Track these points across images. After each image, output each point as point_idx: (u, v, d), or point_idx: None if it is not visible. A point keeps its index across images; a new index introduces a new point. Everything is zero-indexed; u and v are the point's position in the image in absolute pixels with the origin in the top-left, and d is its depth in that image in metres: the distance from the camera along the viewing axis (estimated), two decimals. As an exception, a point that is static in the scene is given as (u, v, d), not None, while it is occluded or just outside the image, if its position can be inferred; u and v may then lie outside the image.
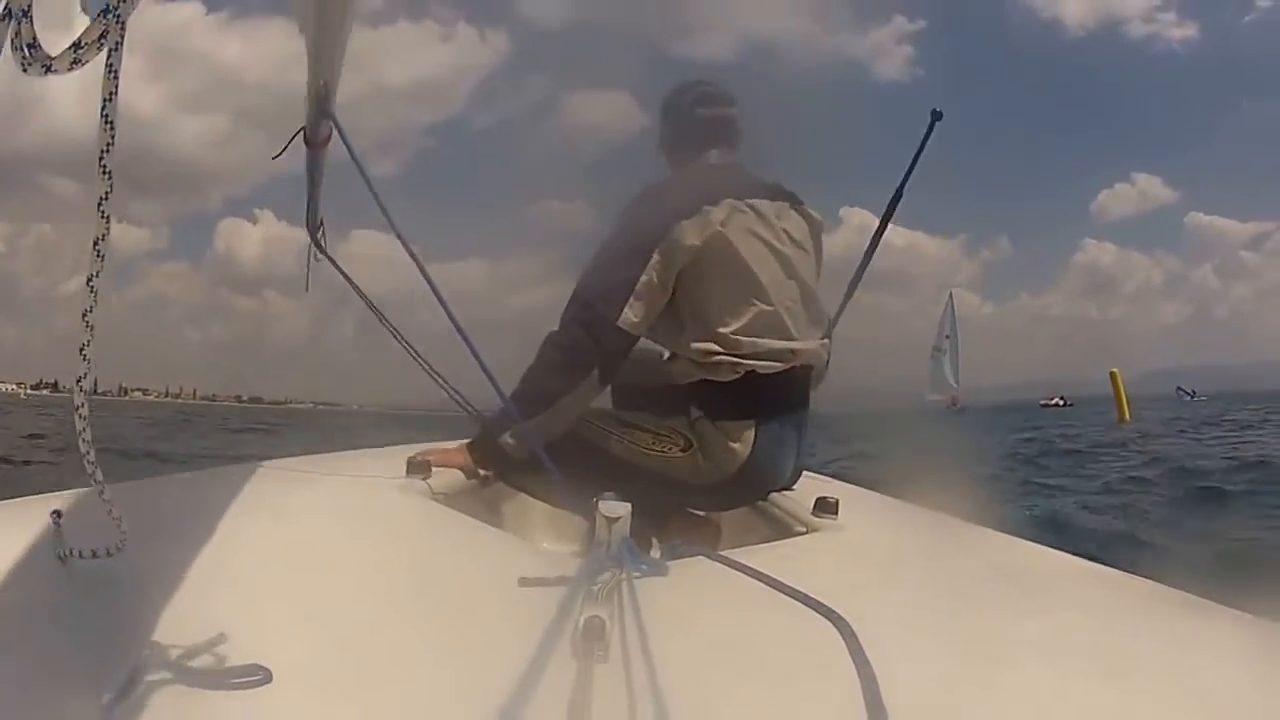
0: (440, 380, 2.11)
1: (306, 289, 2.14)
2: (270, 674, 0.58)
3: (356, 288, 2.07)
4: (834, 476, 2.11)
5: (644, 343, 1.67)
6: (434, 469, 1.40)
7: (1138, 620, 1.01)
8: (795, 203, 1.74)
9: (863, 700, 0.62)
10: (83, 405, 0.64)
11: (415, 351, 2.11)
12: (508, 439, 1.52)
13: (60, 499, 0.91)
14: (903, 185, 2.37)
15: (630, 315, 1.54)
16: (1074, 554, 1.38)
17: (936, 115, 2.35)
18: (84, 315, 0.63)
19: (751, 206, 1.63)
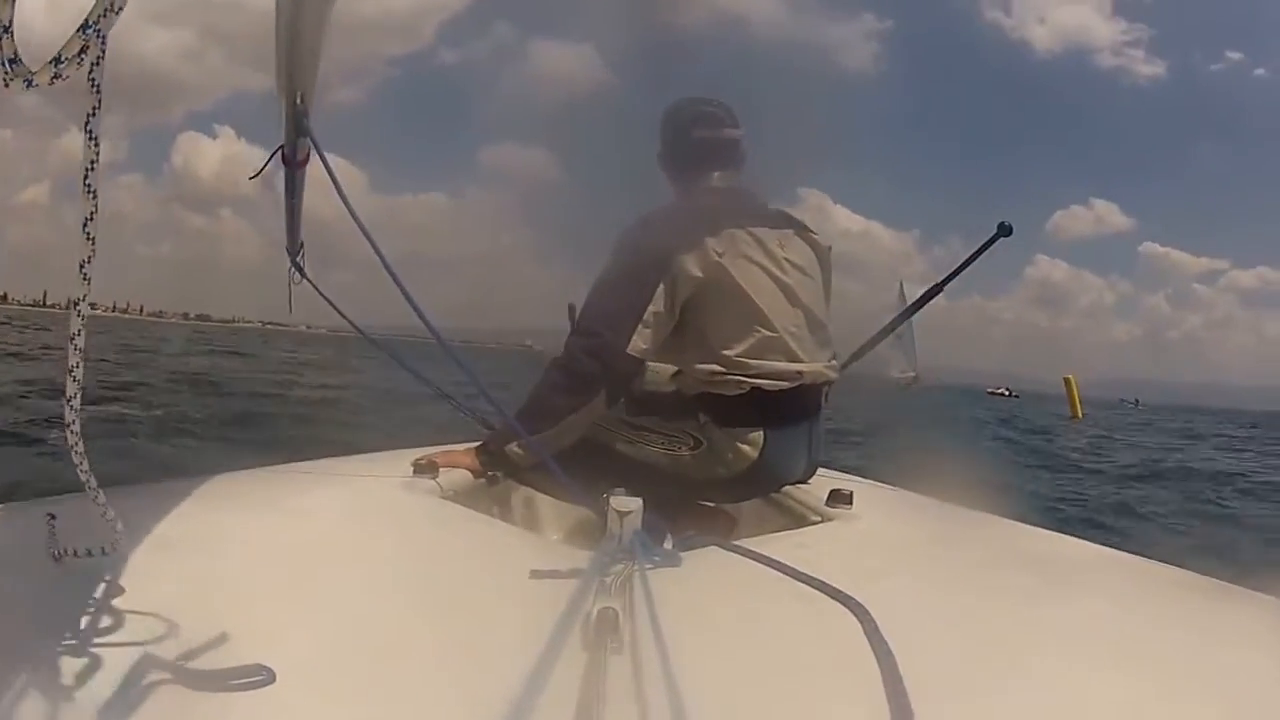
0: (437, 389, 2.08)
1: (290, 310, 2.12)
2: (274, 674, 0.57)
3: (341, 312, 2.06)
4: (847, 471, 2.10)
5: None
6: (441, 470, 1.39)
7: (1158, 606, 1.00)
8: (800, 230, 1.72)
9: (884, 688, 0.61)
10: (75, 399, 0.63)
11: (404, 362, 2.09)
12: (514, 448, 1.52)
13: (56, 502, 0.91)
14: (949, 279, 2.40)
15: (639, 343, 1.54)
16: (1091, 541, 1.37)
17: (1005, 230, 2.38)
18: (72, 339, 0.61)
19: (753, 234, 1.62)
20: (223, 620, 0.65)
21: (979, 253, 2.47)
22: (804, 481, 1.68)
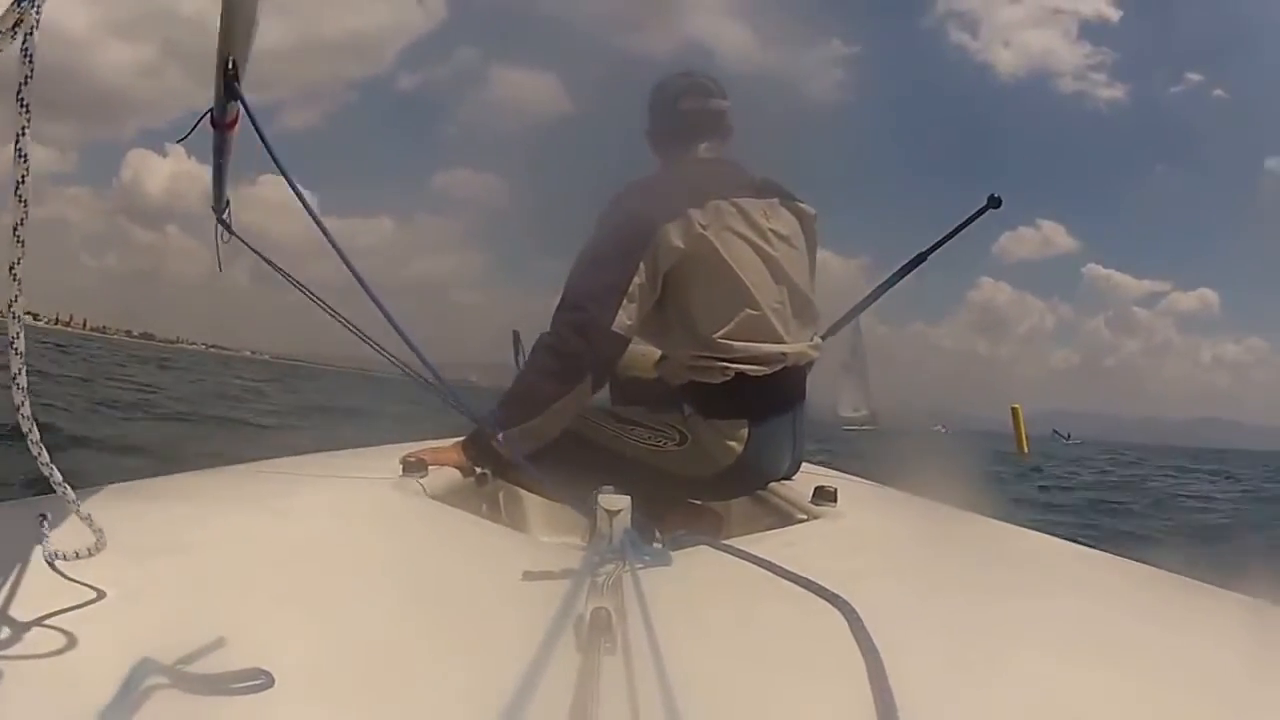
0: (373, 344, 2.04)
1: (220, 269, 2.08)
2: (272, 678, 0.57)
3: (270, 262, 2.01)
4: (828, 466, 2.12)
5: (637, 341, 1.66)
6: (430, 468, 1.39)
7: (1135, 604, 1.02)
8: (785, 198, 1.72)
9: (869, 685, 0.62)
10: (25, 405, 0.63)
11: (336, 312, 2.04)
12: (499, 439, 1.51)
13: (37, 503, 0.90)
14: (933, 249, 2.38)
15: (624, 319, 1.53)
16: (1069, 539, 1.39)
17: (994, 202, 2.36)
18: (12, 343, 0.61)
19: (737, 206, 1.61)
20: (217, 622, 0.65)
21: (966, 224, 2.45)
22: (789, 478, 1.69)
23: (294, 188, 1.44)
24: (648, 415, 1.65)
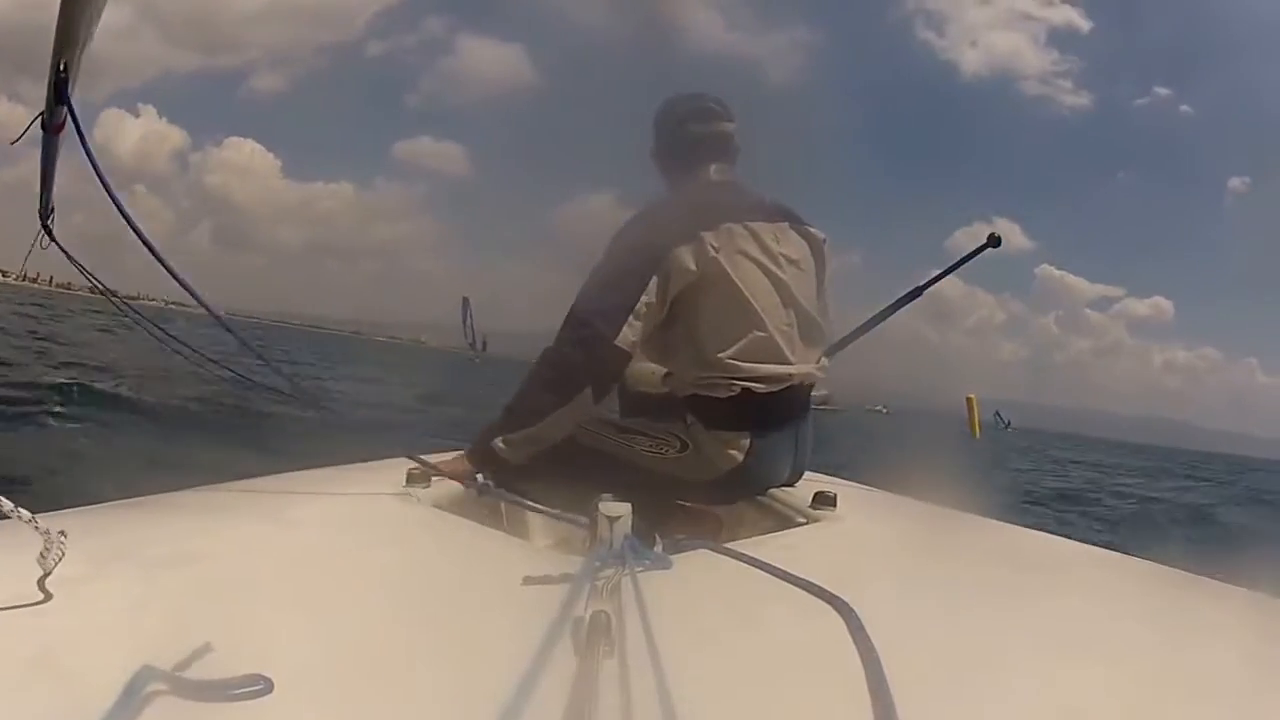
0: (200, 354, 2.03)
1: (25, 278, 2.09)
2: (271, 684, 0.57)
3: (87, 274, 2.02)
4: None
5: (642, 358, 1.67)
6: (433, 479, 1.40)
7: (1138, 601, 1.02)
8: (795, 222, 1.73)
9: (868, 688, 0.62)
10: None
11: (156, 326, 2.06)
12: (499, 444, 1.52)
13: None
14: (930, 284, 2.39)
15: (629, 335, 1.53)
16: (1073, 539, 1.40)
17: (994, 241, 2.37)
18: None
19: (749, 229, 1.62)
20: (219, 630, 0.65)
21: (964, 260, 2.46)
22: (790, 485, 1.69)
23: (110, 193, 1.42)
24: (650, 425, 1.66)
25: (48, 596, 0.69)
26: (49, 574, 0.70)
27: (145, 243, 1.37)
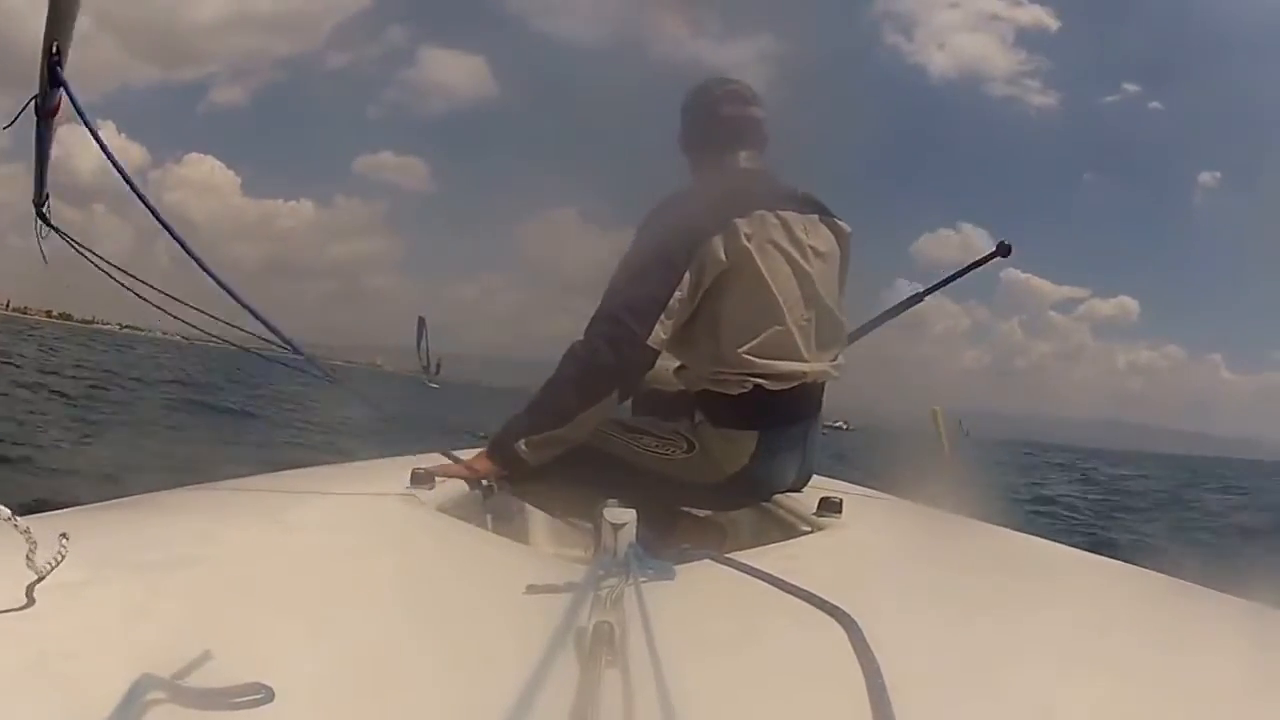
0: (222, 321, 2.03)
1: (45, 261, 2.08)
2: (272, 692, 0.57)
3: (87, 254, 2.01)
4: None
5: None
6: (437, 480, 1.40)
7: (1143, 612, 1.01)
8: (824, 214, 1.71)
9: (869, 699, 0.61)
10: None
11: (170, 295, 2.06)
12: (522, 446, 1.51)
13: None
14: (935, 288, 2.36)
15: (660, 333, 1.52)
16: (1077, 547, 1.39)
17: (1004, 250, 2.30)
18: None
19: (780, 218, 1.60)
20: (219, 636, 0.65)
21: (971, 267, 2.43)
22: (796, 490, 1.68)
23: (124, 176, 1.41)
24: (656, 424, 1.64)
25: (30, 601, 0.69)
26: (42, 578, 0.70)
27: (155, 214, 1.36)
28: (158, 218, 1.35)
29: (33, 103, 1.56)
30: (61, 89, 1.45)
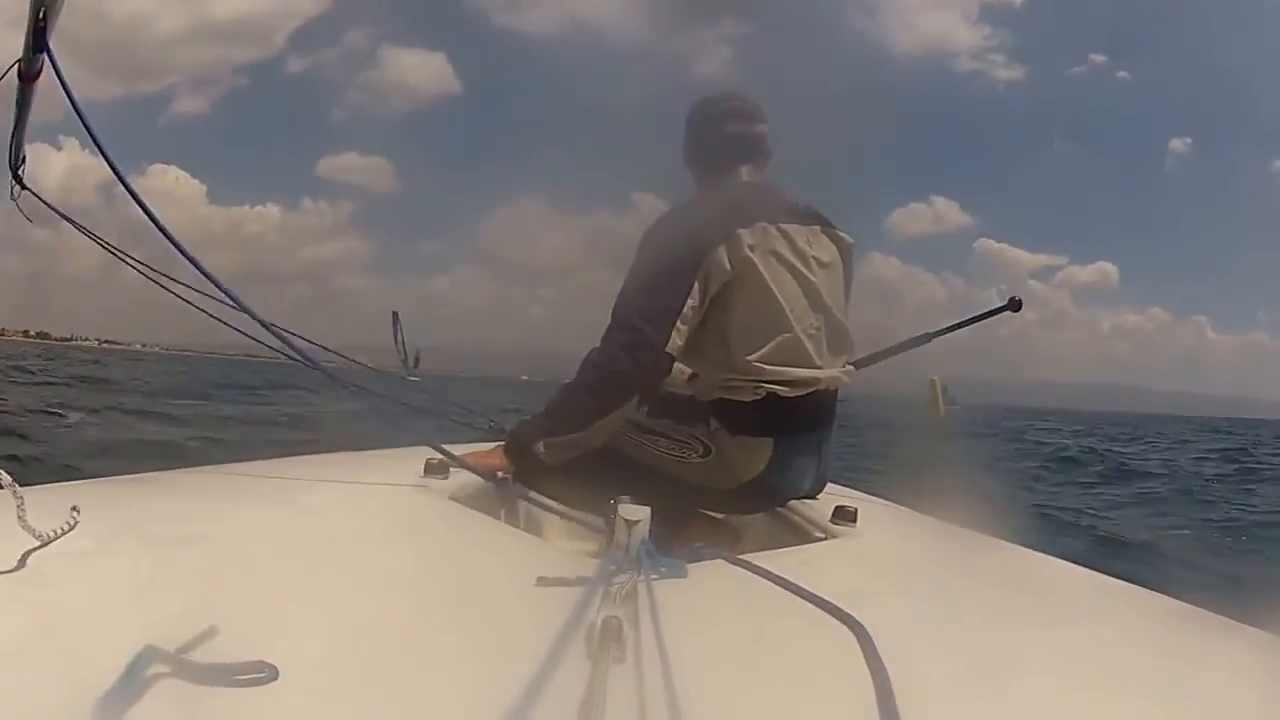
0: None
1: (28, 219, 2.05)
2: (276, 670, 0.56)
3: (71, 220, 1.97)
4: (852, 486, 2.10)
5: None
6: (451, 470, 1.40)
7: (1152, 635, 1.00)
8: (826, 225, 1.72)
9: (877, 705, 0.61)
10: None
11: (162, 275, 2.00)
12: (539, 447, 1.52)
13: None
14: (940, 333, 2.34)
15: (676, 340, 1.53)
16: (1091, 568, 1.37)
17: (1014, 305, 2.28)
18: None
19: (782, 230, 1.61)
20: (226, 614, 0.65)
21: (978, 319, 2.41)
22: (812, 497, 1.67)
23: (106, 158, 1.40)
24: (673, 427, 1.65)
25: (20, 565, 0.69)
26: (46, 544, 0.70)
27: (146, 212, 1.36)
28: (145, 209, 1.35)
29: (16, 67, 1.57)
30: (45, 55, 1.46)
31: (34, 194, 1.97)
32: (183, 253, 1.36)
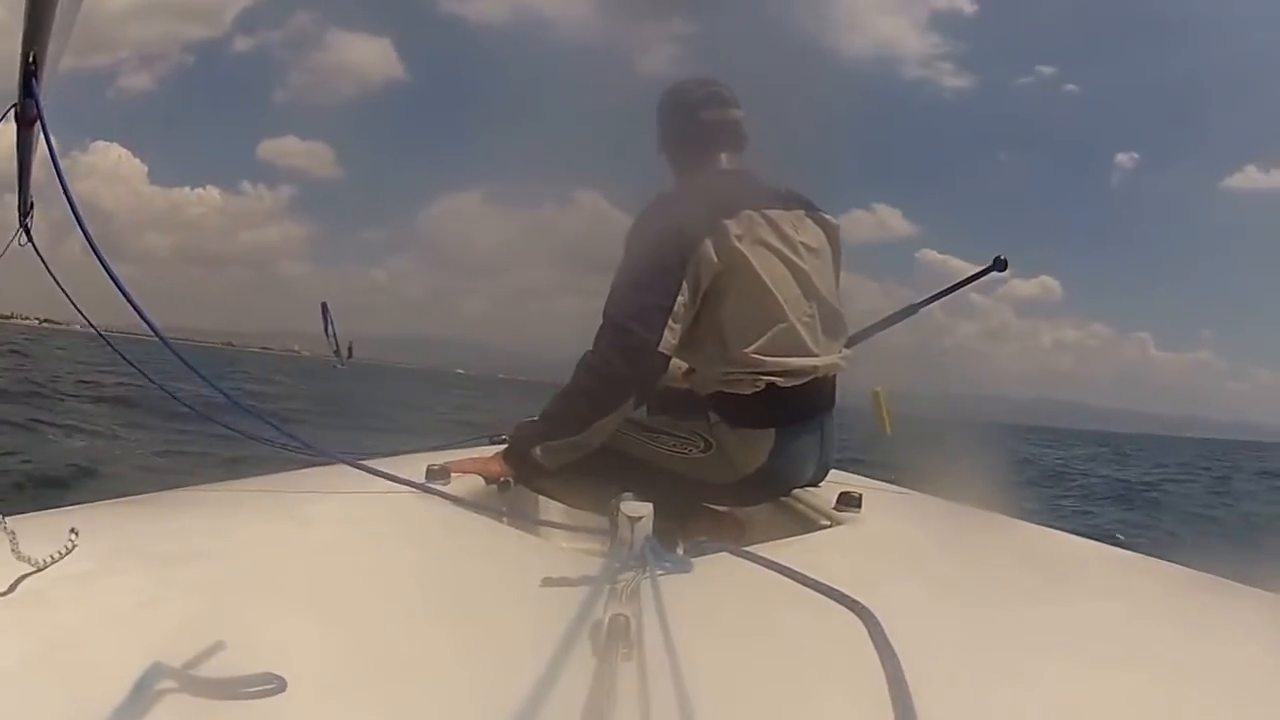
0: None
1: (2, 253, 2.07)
2: (284, 682, 0.56)
3: (64, 290, 2.01)
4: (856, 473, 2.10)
5: None
6: (453, 475, 1.39)
7: (1164, 605, 1.00)
8: (809, 209, 1.71)
9: (888, 691, 0.60)
10: None
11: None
12: (537, 451, 1.52)
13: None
14: (929, 301, 2.31)
15: (669, 338, 1.52)
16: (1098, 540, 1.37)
17: (1000, 265, 2.25)
18: None
19: (767, 217, 1.60)
20: (232, 627, 0.65)
21: (967, 281, 2.38)
22: (815, 484, 1.67)
23: (66, 191, 1.41)
24: (673, 423, 1.65)
25: (9, 589, 0.69)
26: (40, 570, 0.70)
27: (96, 253, 1.37)
28: (72, 206, 1.37)
29: (12, 110, 1.57)
30: (33, 101, 1.45)
31: (36, 252, 1.99)
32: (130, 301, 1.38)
